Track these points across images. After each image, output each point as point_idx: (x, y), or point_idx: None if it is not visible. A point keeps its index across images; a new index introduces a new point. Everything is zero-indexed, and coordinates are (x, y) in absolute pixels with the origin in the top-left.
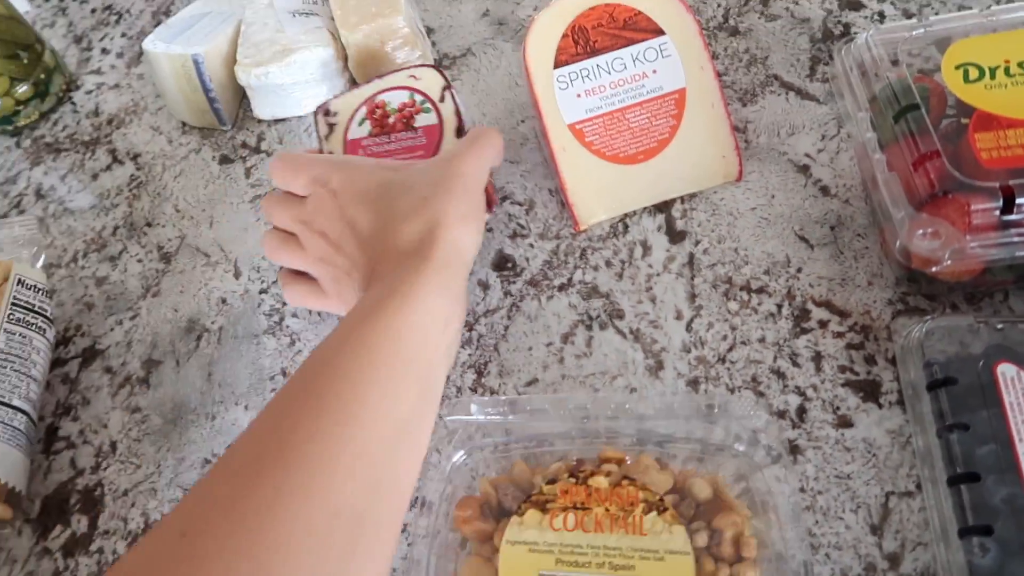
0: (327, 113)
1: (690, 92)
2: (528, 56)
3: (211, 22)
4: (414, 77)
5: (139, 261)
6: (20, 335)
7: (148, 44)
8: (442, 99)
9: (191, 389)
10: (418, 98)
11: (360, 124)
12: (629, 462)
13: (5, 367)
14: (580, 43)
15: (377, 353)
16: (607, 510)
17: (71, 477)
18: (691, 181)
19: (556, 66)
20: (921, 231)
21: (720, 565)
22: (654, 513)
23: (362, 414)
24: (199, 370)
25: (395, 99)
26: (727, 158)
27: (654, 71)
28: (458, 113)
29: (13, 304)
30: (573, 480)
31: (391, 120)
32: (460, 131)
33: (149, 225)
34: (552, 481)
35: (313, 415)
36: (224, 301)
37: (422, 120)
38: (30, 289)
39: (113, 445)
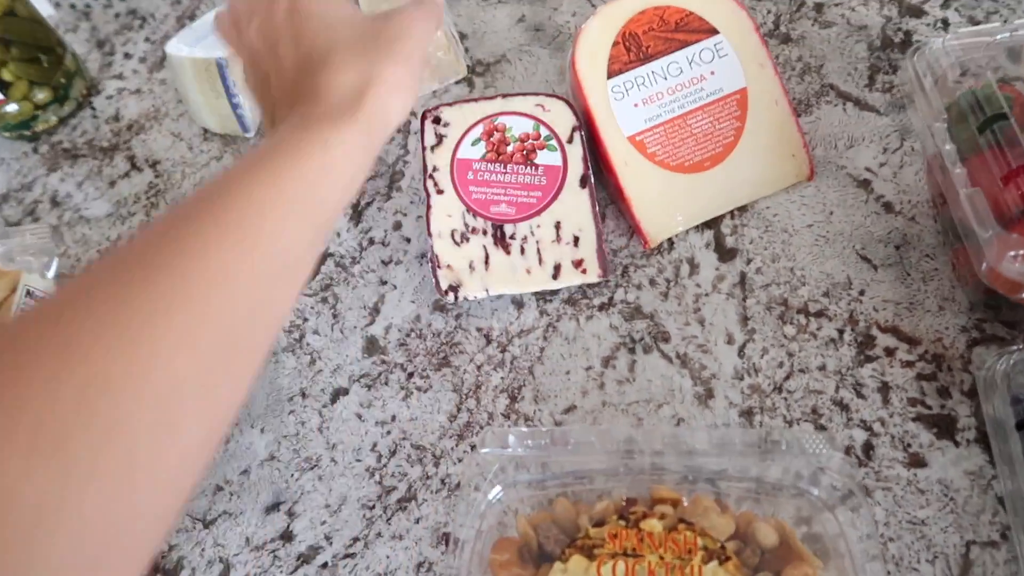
0: (437, 121)
1: (752, 91)
2: (578, 68)
3: None
4: (542, 107)
5: None
6: None
7: (171, 48)
8: (571, 140)
9: None
10: (544, 132)
11: (474, 144)
12: (685, 503)
13: None
14: (632, 50)
15: (288, 191)
16: (661, 558)
17: None
18: (762, 184)
19: (609, 76)
20: (1012, 253)
21: None
22: (715, 563)
23: (260, 244)
24: None
25: (518, 126)
26: (796, 156)
27: (712, 73)
28: (585, 160)
29: None
30: (623, 523)
31: (510, 149)
32: (584, 181)
33: None
34: (599, 523)
35: (213, 235)
36: None
37: (544, 158)
38: (38, 301)
39: None
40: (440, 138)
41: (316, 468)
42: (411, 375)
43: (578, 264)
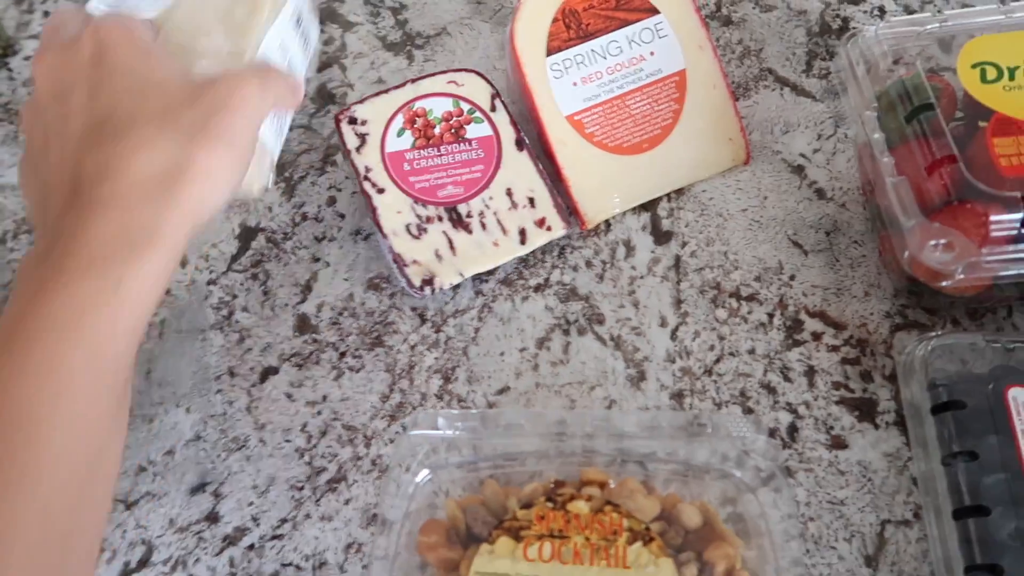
0: (353, 121)
1: (690, 73)
2: (517, 44)
3: None
4: (455, 83)
5: None
6: None
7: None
8: (493, 108)
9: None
10: (465, 106)
11: (399, 135)
12: (613, 485)
13: None
14: (572, 27)
15: (67, 378)
16: (587, 539)
17: None
18: (699, 167)
19: (549, 53)
20: (933, 242)
21: None
22: (639, 543)
23: (45, 457)
24: (138, 367)
25: (437, 107)
26: (734, 140)
27: (651, 53)
28: (514, 123)
29: None
30: (550, 504)
31: (437, 130)
32: (520, 143)
33: None
34: (527, 505)
35: None
36: (168, 291)
37: (474, 131)
38: None
39: None
40: (362, 137)
41: (244, 449)
42: (343, 355)
43: (541, 223)
